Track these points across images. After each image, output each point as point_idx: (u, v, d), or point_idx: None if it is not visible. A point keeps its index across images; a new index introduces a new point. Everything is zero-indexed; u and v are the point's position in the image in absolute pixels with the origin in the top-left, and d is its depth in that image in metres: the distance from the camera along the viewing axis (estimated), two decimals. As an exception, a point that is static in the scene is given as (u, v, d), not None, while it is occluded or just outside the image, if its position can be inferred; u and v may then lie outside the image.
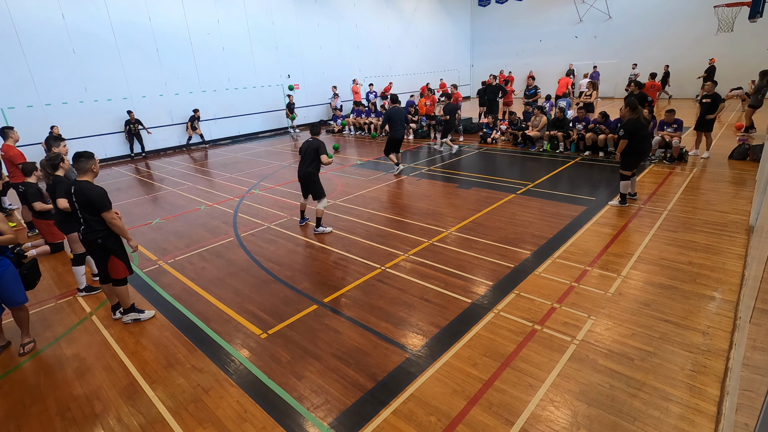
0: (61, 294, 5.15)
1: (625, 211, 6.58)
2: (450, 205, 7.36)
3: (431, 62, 24.65)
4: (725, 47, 18.00)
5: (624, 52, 20.96)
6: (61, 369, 3.77)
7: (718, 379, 3.13)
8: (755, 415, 1.74)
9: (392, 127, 9.40)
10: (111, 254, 4.12)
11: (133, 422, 3.12)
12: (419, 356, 3.61)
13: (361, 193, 8.41)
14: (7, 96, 10.97)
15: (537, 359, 3.45)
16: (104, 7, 12.22)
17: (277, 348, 3.83)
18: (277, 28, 16.60)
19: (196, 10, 14.19)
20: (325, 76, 18.64)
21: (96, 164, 4.07)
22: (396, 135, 9.39)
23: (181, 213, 7.89)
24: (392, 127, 9.40)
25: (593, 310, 4.08)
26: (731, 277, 4.52)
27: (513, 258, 5.26)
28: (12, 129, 7.01)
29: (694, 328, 3.74)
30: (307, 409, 3.12)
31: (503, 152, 11.46)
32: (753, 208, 5.95)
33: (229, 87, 15.59)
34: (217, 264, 5.63)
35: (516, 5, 24.57)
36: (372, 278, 4.99)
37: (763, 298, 2.58)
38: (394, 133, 9.40)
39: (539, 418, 2.89)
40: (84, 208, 3.95)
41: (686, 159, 9.14)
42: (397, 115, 9.44)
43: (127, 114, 13.00)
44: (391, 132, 9.44)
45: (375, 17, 20.62)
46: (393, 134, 9.41)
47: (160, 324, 4.37)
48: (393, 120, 9.38)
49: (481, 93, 14.39)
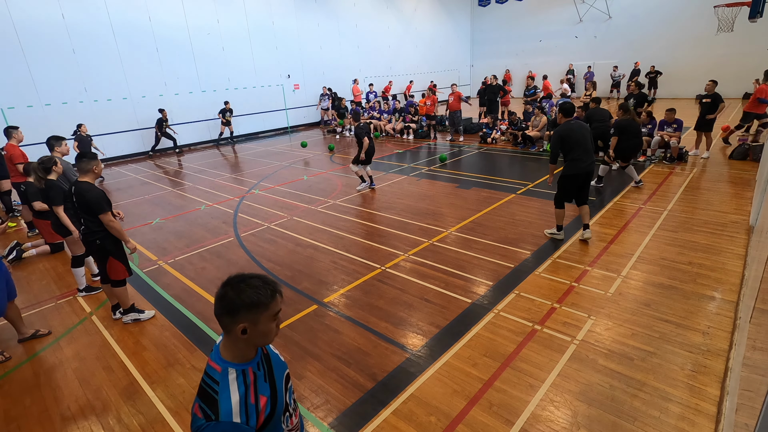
0: (61, 294, 5.15)
1: (626, 210, 6.58)
2: (450, 205, 7.36)
3: (431, 62, 24.66)
4: (725, 47, 17.99)
5: (624, 52, 20.95)
6: (61, 369, 3.77)
7: (718, 379, 3.13)
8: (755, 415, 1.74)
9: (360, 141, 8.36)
10: (109, 255, 4.12)
11: (133, 422, 3.12)
12: (419, 356, 3.61)
13: (361, 193, 8.41)
14: (7, 96, 10.96)
15: (537, 359, 3.45)
16: (104, 7, 12.22)
17: (277, 348, 3.83)
18: (277, 28, 16.59)
19: (196, 10, 14.18)
20: (325, 76, 18.64)
21: (97, 166, 4.02)
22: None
23: (181, 213, 7.89)
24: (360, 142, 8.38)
25: (593, 310, 4.08)
26: (731, 277, 4.52)
27: (513, 258, 5.26)
28: (16, 129, 6.95)
29: (694, 328, 3.74)
30: (307, 409, 3.12)
31: (503, 152, 11.45)
32: (753, 208, 5.95)
33: (229, 87, 15.58)
34: (217, 264, 5.63)
35: (516, 5, 24.56)
36: (372, 278, 4.99)
37: (763, 298, 2.58)
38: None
39: (539, 418, 2.89)
40: (82, 209, 3.95)
41: (686, 159, 9.14)
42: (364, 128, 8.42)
43: (158, 112, 13.30)
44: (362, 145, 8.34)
45: (375, 17, 20.62)
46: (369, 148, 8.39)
47: (160, 324, 4.37)
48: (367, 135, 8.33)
49: (481, 93, 14.39)
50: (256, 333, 1.36)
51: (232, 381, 1.35)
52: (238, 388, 1.35)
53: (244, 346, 1.40)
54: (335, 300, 4.58)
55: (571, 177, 5.39)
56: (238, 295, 1.32)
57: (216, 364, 1.39)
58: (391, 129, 14.92)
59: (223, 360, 1.39)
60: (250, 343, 1.40)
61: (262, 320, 1.36)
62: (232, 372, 1.37)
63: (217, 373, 1.37)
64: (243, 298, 1.32)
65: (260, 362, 1.48)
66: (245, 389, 1.36)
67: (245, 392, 1.35)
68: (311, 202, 8.01)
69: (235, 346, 1.39)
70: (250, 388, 1.38)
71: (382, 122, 15.33)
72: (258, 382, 1.41)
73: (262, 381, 1.44)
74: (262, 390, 1.41)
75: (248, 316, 1.33)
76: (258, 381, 1.41)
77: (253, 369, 1.42)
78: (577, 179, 5.39)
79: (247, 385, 1.37)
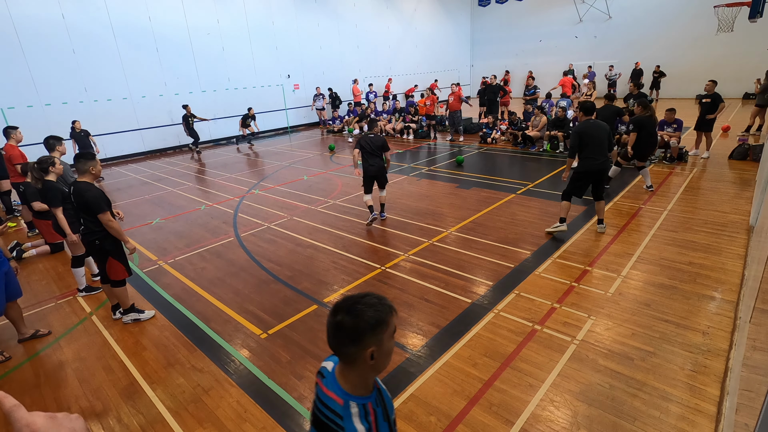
0: (61, 294, 5.15)
1: (626, 210, 6.58)
2: (450, 205, 7.36)
3: (431, 62, 24.66)
4: (725, 47, 18.00)
5: (624, 52, 20.95)
6: (61, 369, 3.77)
7: (718, 379, 3.13)
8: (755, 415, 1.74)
9: (362, 157, 6.42)
10: (109, 255, 4.11)
11: (133, 422, 3.12)
12: (419, 356, 3.61)
13: (361, 193, 8.40)
14: (7, 96, 10.96)
15: (537, 359, 3.45)
16: (104, 7, 12.22)
17: (277, 348, 3.83)
18: (277, 28, 16.60)
19: (196, 11, 14.19)
20: (325, 76, 18.64)
21: (96, 166, 3.98)
22: (364, 168, 6.44)
23: (181, 213, 7.89)
24: (362, 158, 6.43)
25: (593, 310, 4.08)
26: (731, 277, 4.52)
27: (513, 258, 5.26)
28: (15, 129, 6.94)
29: (694, 328, 3.74)
30: (307, 409, 3.12)
31: (503, 152, 11.45)
32: (753, 208, 5.95)
33: (229, 87, 15.59)
34: (217, 264, 5.63)
35: (516, 5, 24.57)
36: (372, 278, 4.99)
37: (763, 298, 2.58)
38: (363, 166, 6.45)
39: (539, 418, 2.89)
40: (81, 208, 3.94)
41: (686, 159, 9.14)
42: (370, 144, 6.33)
43: (183, 108, 13.36)
44: (363, 164, 6.45)
45: (375, 17, 20.63)
46: (363, 166, 6.46)
47: (160, 324, 4.37)
48: (363, 150, 6.35)
49: (481, 93, 14.39)
50: (381, 355, 1.25)
51: (355, 416, 1.24)
52: (362, 424, 1.23)
53: (369, 373, 1.28)
54: (335, 300, 4.57)
55: (584, 173, 5.60)
56: (359, 319, 1.20)
57: (336, 396, 1.27)
58: (391, 129, 14.92)
59: (344, 392, 1.27)
60: (375, 369, 1.27)
61: (386, 339, 1.25)
62: (353, 406, 1.25)
63: (339, 405, 1.25)
64: (366, 320, 1.20)
65: (377, 397, 1.35)
66: (369, 427, 1.25)
67: (369, 430, 1.25)
68: (311, 202, 8.01)
69: (359, 376, 1.28)
70: (373, 426, 1.27)
71: (382, 122, 15.33)
72: (378, 421, 1.30)
73: (382, 419, 1.32)
74: (382, 429, 1.30)
75: (374, 338, 1.21)
76: (378, 419, 1.30)
77: (372, 405, 1.30)
78: (589, 175, 5.60)
79: (370, 423, 1.26)
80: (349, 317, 1.21)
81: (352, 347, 1.22)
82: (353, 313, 1.21)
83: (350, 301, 1.25)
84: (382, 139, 6.25)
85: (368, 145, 6.21)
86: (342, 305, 1.24)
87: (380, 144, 6.21)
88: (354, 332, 1.20)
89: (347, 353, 1.24)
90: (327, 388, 1.31)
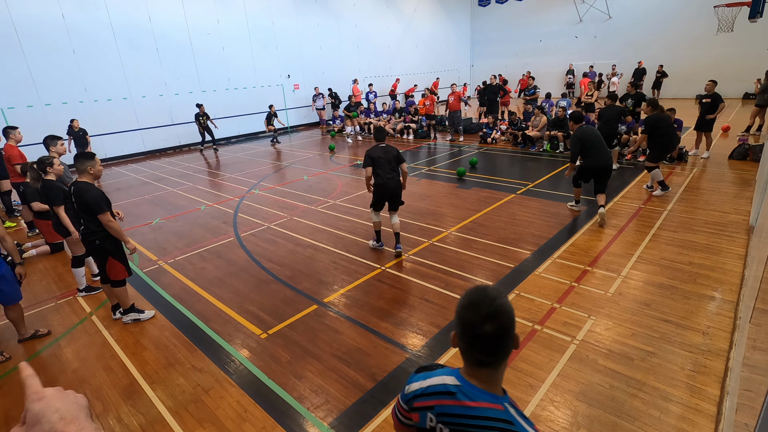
0: (61, 294, 5.15)
1: (626, 210, 6.58)
2: (450, 205, 7.36)
3: (431, 62, 24.65)
4: (725, 47, 18.00)
5: (624, 52, 20.95)
6: (61, 369, 3.77)
7: (718, 379, 3.13)
8: (755, 415, 1.74)
9: (375, 172, 5.40)
10: (109, 255, 4.11)
11: (133, 422, 3.12)
12: (419, 356, 3.60)
13: (361, 193, 8.41)
14: (7, 96, 10.96)
15: (537, 359, 3.45)
16: (104, 7, 12.22)
17: (277, 348, 3.83)
18: (277, 28, 16.60)
19: (196, 11, 14.19)
20: (325, 76, 18.64)
21: (95, 166, 3.96)
22: (380, 184, 5.41)
23: (181, 213, 7.89)
24: (375, 173, 5.41)
25: (593, 310, 4.08)
26: (731, 277, 4.52)
27: (513, 258, 5.26)
28: (15, 129, 6.94)
29: (694, 328, 3.74)
30: (307, 409, 3.12)
31: (503, 152, 11.46)
32: (753, 208, 5.95)
33: (229, 87, 15.59)
34: (217, 264, 5.63)
35: (516, 5, 24.56)
36: (372, 278, 4.99)
37: (763, 298, 2.58)
38: (378, 181, 5.41)
39: (539, 418, 2.89)
40: (81, 209, 3.93)
41: (686, 159, 9.14)
42: (383, 156, 5.35)
43: (196, 107, 13.46)
44: (375, 180, 5.42)
45: (375, 17, 20.62)
46: (377, 183, 5.42)
47: (160, 324, 4.37)
48: (376, 163, 5.35)
49: (481, 93, 14.39)
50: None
51: (518, 415, 1.15)
52: (525, 422, 1.15)
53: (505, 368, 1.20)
54: (335, 300, 4.58)
55: (589, 168, 6.25)
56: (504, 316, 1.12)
57: (491, 404, 1.15)
58: (391, 129, 14.92)
59: (495, 397, 1.16)
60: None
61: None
62: (509, 407, 1.15)
63: (501, 412, 1.14)
64: (510, 315, 1.13)
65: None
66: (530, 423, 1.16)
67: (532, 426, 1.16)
68: (311, 202, 8.01)
69: (502, 375, 1.19)
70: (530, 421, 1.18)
71: (382, 122, 15.33)
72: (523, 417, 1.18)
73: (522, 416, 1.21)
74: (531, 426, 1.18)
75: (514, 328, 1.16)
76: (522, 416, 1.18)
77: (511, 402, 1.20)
78: (595, 170, 6.20)
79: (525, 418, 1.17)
80: (504, 318, 1.12)
81: (511, 344, 1.15)
82: (502, 312, 1.12)
83: (484, 304, 1.13)
84: (395, 150, 5.38)
85: (381, 157, 5.26)
86: (485, 311, 1.12)
87: (395, 155, 5.33)
88: (512, 329, 1.14)
89: (507, 354, 1.17)
90: (472, 401, 1.16)
